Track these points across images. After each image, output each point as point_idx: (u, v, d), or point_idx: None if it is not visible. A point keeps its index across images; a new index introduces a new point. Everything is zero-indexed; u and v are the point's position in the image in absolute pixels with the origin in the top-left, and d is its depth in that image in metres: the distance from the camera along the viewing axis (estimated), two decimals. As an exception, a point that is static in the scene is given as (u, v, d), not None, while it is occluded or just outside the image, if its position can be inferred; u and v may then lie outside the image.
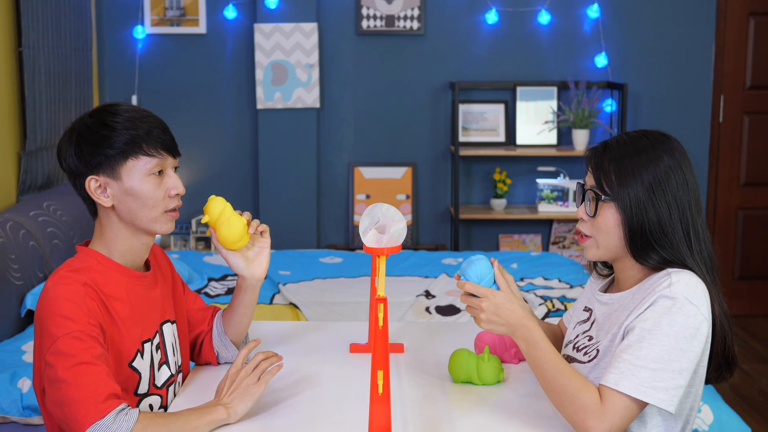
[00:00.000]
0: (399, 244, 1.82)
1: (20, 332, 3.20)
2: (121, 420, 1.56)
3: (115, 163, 1.72)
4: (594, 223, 1.71)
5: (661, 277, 1.63)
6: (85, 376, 1.57)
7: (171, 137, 1.79)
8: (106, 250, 1.78)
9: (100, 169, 1.73)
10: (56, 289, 1.64)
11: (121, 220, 1.76)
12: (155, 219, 1.76)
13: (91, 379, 1.57)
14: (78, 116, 1.80)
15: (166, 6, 4.84)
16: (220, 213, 1.88)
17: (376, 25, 4.90)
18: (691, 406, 1.68)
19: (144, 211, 1.75)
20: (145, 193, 1.74)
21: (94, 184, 1.74)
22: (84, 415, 1.55)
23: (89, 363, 1.58)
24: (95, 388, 1.57)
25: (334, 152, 5.03)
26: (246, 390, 1.71)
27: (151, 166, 1.74)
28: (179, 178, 1.80)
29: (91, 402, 1.55)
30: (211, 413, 1.67)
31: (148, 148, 1.73)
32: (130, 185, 1.73)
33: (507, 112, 4.98)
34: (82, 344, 1.59)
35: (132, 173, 1.73)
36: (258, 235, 1.95)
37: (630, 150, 1.68)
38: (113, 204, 1.75)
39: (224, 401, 1.70)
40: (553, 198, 4.83)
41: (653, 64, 4.96)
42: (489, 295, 1.71)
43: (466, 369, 1.88)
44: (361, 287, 3.79)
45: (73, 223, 3.69)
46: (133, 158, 1.72)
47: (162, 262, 1.94)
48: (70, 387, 1.56)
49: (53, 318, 1.61)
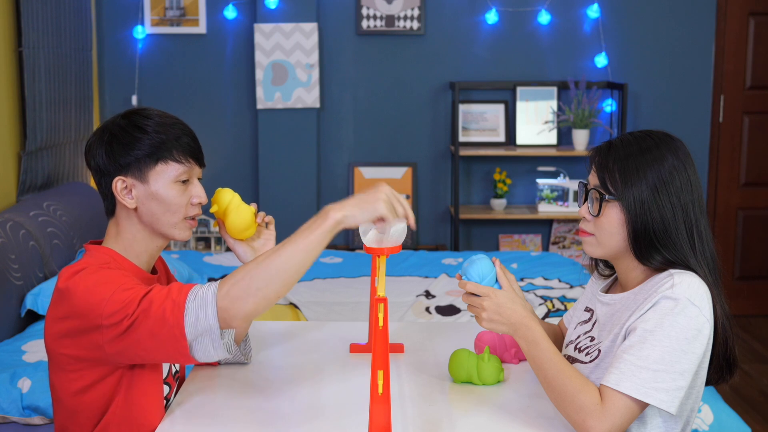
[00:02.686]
0: (399, 244, 1.82)
1: (20, 332, 3.20)
2: (204, 289, 1.58)
3: (144, 166, 1.73)
4: (597, 223, 1.70)
5: (664, 278, 1.63)
6: (152, 295, 1.59)
7: (199, 146, 1.81)
8: (123, 251, 1.78)
9: (128, 170, 1.74)
10: (84, 279, 1.63)
11: (141, 222, 1.77)
12: (175, 225, 1.77)
13: (158, 294, 1.59)
14: (110, 117, 1.81)
15: (166, 6, 4.84)
16: (229, 203, 1.89)
17: (376, 25, 4.90)
18: (691, 407, 1.68)
19: (166, 216, 1.75)
20: (170, 199, 1.75)
21: (120, 185, 1.74)
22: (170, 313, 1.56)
23: (147, 293, 1.60)
24: (167, 294, 1.58)
25: (334, 152, 5.03)
26: (373, 204, 1.59)
27: (179, 173, 1.75)
28: (203, 188, 1.81)
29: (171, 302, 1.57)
30: (318, 220, 1.57)
31: (178, 155, 1.75)
32: (156, 189, 1.74)
33: (507, 112, 4.98)
34: (130, 292, 1.60)
35: (159, 177, 1.74)
36: (264, 227, 1.97)
37: (635, 149, 1.67)
38: (136, 206, 1.75)
39: (339, 206, 1.58)
40: (553, 198, 4.83)
41: (653, 64, 4.96)
42: (491, 294, 1.71)
43: (466, 369, 1.87)
44: (361, 287, 3.79)
45: (73, 223, 3.69)
46: (162, 163, 1.74)
47: (158, 264, 1.95)
48: (143, 314, 1.57)
49: (89, 294, 1.61)
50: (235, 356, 2.02)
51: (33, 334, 3.09)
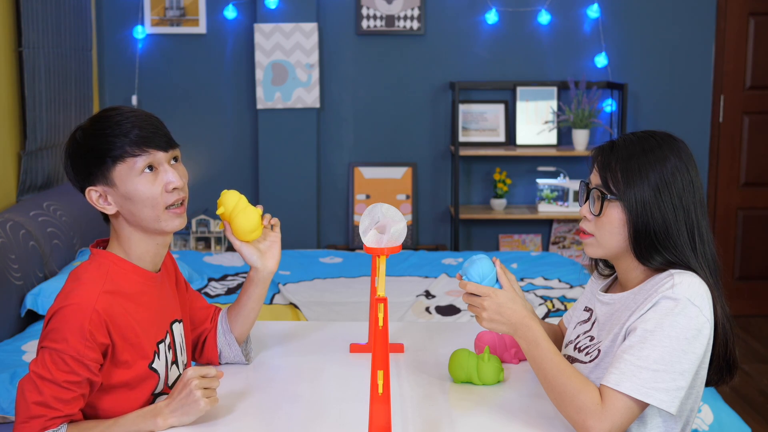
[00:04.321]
0: (399, 244, 1.82)
1: (20, 332, 3.19)
2: None
3: (106, 171, 1.71)
4: (598, 223, 1.70)
5: (664, 278, 1.63)
6: (42, 389, 1.61)
7: (155, 131, 1.73)
8: (124, 254, 1.77)
9: (95, 179, 1.73)
10: (69, 306, 1.65)
11: (130, 224, 1.75)
12: (158, 218, 1.74)
13: (44, 398, 1.61)
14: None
15: (166, 6, 4.84)
16: (235, 205, 1.89)
17: (376, 25, 4.90)
18: (691, 407, 1.68)
19: (145, 212, 1.72)
20: (141, 193, 1.71)
21: (94, 195, 1.73)
22: (22, 416, 1.62)
23: (56, 383, 1.61)
24: (43, 406, 1.61)
25: (334, 152, 5.03)
26: (193, 406, 1.68)
27: (140, 165, 1.71)
28: (176, 171, 1.75)
29: (28, 417, 1.61)
30: (143, 424, 1.68)
31: (131, 148, 1.70)
32: (125, 189, 1.71)
33: (507, 112, 4.98)
34: (63, 366, 1.61)
35: (123, 177, 1.71)
36: (269, 229, 1.97)
37: (637, 150, 1.67)
38: (117, 210, 1.74)
39: (165, 412, 1.69)
40: (553, 198, 4.83)
41: (653, 64, 4.96)
42: (491, 294, 1.71)
43: (466, 369, 1.87)
44: (361, 287, 3.79)
45: (73, 223, 3.69)
46: (120, 162, 1.70)
47: (166, 261, 1.94)
48: (26, 391, 1.62)
49: (57, 331, 1.63)
50: (236, 357, 2.02)
51: (33, 334, 3.09)
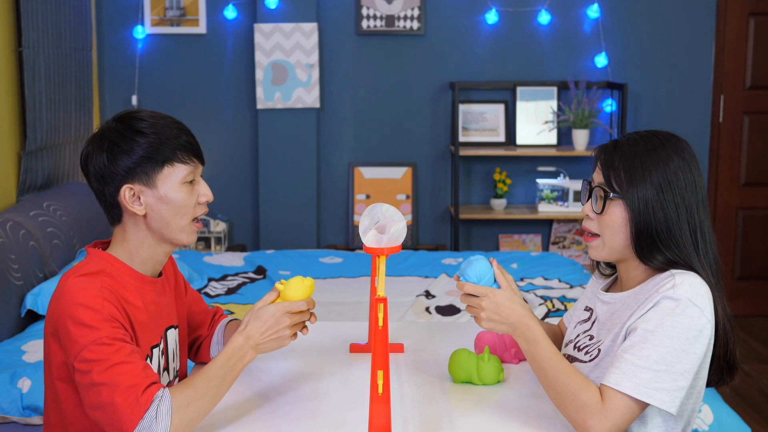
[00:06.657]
0: (399, 244, 1.82)
1: (20, 332, 3.19)
2: (163, 408, 1.57)
3: (151, 171, 1.71)
4: (601, 221, 1.70)
5: (665, 278, 1.63)
6: (120, 376, 1.57)
7: (197, 143, 1.78)
8: (127, 258, 1.76)
9: (134, 177, 1.71)
10: (72, 294, 1.62)
11: (149, 228, 1.74)
12: (183, 228, 1.75)
13: (127, 378, 1.57)
14: (103, 123, 1.78)
15: (166, 6, 4.84)
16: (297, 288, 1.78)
17: (376, 25, 4.90)
18: (692, 407, 1.68)
19: (176, 219, 1.73)
20: (179, 201, 1.72)
21: (128, 193, 1.71)
22: (129, 415, 1.55)
23: (121, 363, 1.58)
24: (133, 385, 1.57)
25: (334, 152, 5.03)
26: (280, 338, 1.73)
27: (186, 173, 1.73)
28: (208, 186, 1.80)
29: (132, 400, 1.56)
30: (243, 359, 1.70)
31: (182, 155, 1.72)
32: (166, 192, 1.71)
33: (507, 112, 4.98)
34: (110, 348, 1.59)
35: (167, 181, 1.72)
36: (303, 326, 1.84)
37: (640, 149, 1.67)
38: (146, 212, 1.73)
39: (256, 342, 1.71)
40: (553, 198, 4.83)
41: (653, 64, 4.96)
42: (489, 294, 1.70)
43: (466, 369, 1.87)
44: (361, 287, 3.79)
45: (73, 223, 3.69)
46: (169, 165, 1.71)
47: (167, 265, 1.94)
48: (107, 388, 1.56)
49: (74, 326, 1.60)
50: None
51: (33, 334, 3.09)
